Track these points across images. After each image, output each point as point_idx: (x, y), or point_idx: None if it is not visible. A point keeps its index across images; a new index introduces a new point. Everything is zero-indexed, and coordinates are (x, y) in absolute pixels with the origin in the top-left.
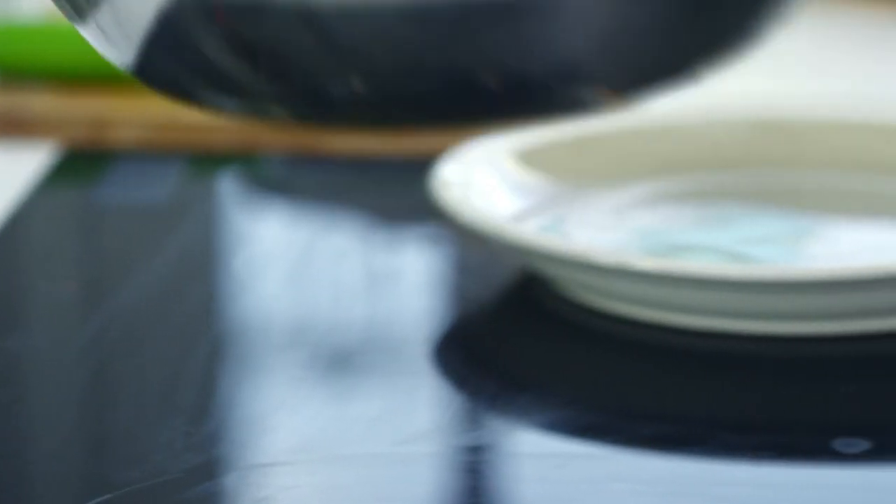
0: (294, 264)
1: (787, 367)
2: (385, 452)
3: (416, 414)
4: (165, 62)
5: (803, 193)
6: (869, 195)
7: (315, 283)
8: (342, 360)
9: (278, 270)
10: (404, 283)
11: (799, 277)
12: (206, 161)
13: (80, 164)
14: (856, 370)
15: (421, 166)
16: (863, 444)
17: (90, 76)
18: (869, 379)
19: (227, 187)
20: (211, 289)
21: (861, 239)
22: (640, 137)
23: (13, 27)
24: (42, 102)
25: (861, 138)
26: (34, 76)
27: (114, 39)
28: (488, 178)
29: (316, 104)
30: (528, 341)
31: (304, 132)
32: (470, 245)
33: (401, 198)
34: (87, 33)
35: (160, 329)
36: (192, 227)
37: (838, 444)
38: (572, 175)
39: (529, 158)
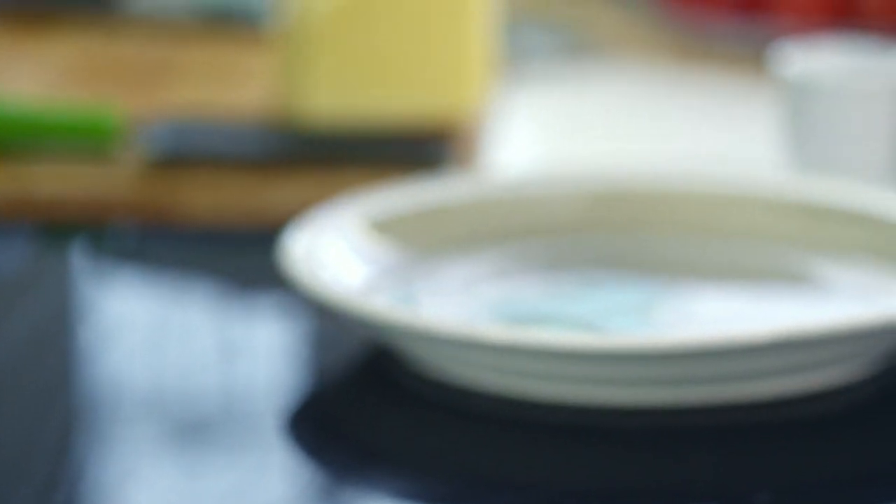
0: (146, 335)
1: (639, 436)
2: None
3: (268, 486)
4: None
5: (654, 262)
6: (719, 263)
7: (167, 354)
8: (194, 431)
9: (130, 341)
10: (256, 355)
11: (650, 347)
12: (58, 232)
13: None
14: (708, 439)
15: (273, 235)
16: None
17: None
18: (720, 448)
19: (79, 258)
20: (63, 360)
21: (712, 307)
22: (489, 207)
23: None
24: None
25: (707, 206)
26: None
27: None
28: (337, 248)
29: None
30: (379, 412)
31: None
32: (322, 315)
33: (253, 268)
34: None
35: (12, 399)
36: (43, 299)
37: None
38: (422, 244)
39: (379, 227)
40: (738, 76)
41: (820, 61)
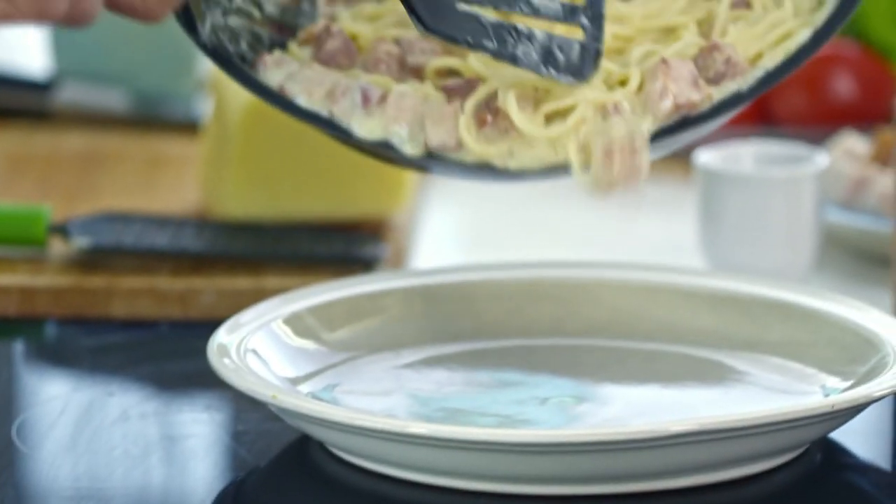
0: (74, 429)
1: None
2: None
3: None
4: None
5: (574, 356)
6: (638, 355)
7: (95, 447)
8: None
9: (60, 435)
10: (184, 448)
11: (569, 440)
12: None
13: None
14: None
15: (202, 328)
16: None
17: None
18: None
19: (10, 353)
20: None
21: (634, 400)
22: (413, 301)
23: None
24: None
25: (629, 297)
26: None
27: None
28: (263, 344)
29: None
30: (306, 501)
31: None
32: (249, 409)
33: (181, 362)
34: None
35: None
36: None
37: None
38: (346, 339)
39: (303, 323)
40: (661, 174)
41: (737, 153)
